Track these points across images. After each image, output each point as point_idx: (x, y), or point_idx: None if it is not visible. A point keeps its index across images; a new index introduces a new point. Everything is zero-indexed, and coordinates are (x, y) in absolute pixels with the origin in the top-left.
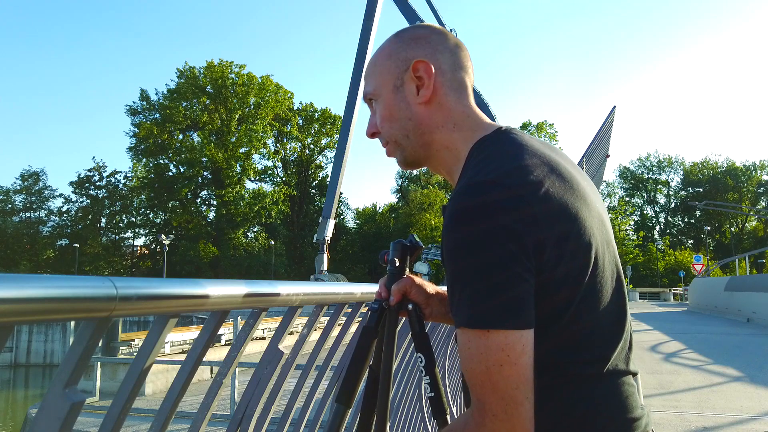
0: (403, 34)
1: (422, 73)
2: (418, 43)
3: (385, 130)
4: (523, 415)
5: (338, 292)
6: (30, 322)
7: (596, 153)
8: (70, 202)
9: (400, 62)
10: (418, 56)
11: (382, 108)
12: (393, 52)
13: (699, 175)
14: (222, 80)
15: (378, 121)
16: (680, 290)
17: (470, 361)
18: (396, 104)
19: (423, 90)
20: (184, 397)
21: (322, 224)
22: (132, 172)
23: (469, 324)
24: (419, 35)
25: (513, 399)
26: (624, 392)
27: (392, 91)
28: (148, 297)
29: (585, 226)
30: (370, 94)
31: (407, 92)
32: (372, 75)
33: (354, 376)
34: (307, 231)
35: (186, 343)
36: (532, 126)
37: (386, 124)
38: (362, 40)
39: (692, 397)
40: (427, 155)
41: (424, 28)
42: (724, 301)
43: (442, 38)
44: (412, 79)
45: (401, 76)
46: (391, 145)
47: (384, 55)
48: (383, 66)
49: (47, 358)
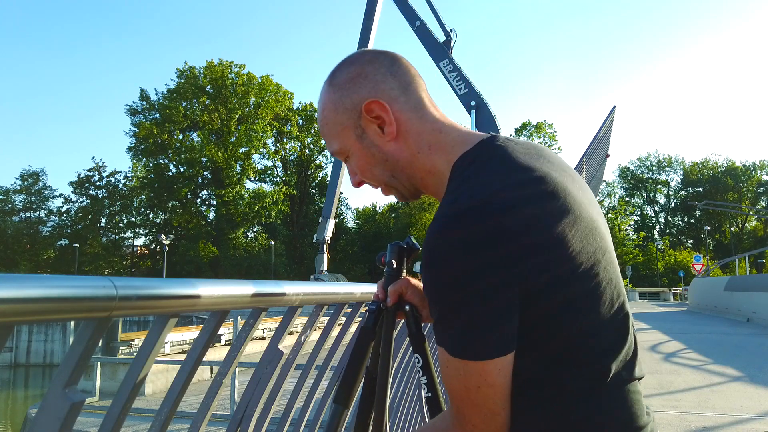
0: (335, 80)
1: (378, 112)
2: (355, 83)
3: (369, 177)
4: (499, 423)
5: (338, 292)
6: (30, 322)
7: (596, 153)
8: (70, 202)
9: (349, 111)
10: (364, 98)
11: (357, 159)
12: (337, 103)
13: (699, 175)
14: (222, 80)
15: (358, 171)
16: (680, 290)
17: (450, 379)
18: (367, 151)
19: (386, 128)
20: (184, 397)
21: (322, 224)
22: (132, 172)
23: (450, 352)
24: (353, 74)
25: (491, 411)
26: (629, 401)
27: (357, 141)
28: (148, 297)
29: (576, 242)
30: (339, 153)
31: (372, 136)
32: (329, 134)
33: (352, 376)
34: (307, 231)
35: (186, 343)
36: (532, 126)
37: (368, 173)
38: (362, 40)
39: (692, 397)
40: (418, 185)
41: (353, 63)
42: (724, 301)
43: (375, 65)
44: (369, 122)
45: (357, 123)
46: (382, 187)
47: (329, 109)
48: (334, 121)
49: (47, 358)
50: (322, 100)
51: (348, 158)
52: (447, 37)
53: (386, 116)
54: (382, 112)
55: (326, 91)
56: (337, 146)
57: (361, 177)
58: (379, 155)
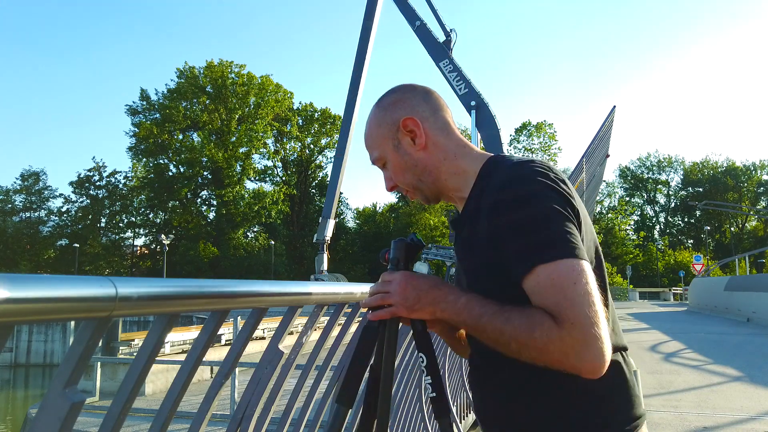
0: (381, 103)
1: (412, 127)
2: (396, 105)
3: (401, 181)
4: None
5: (338, 292)
6: (30, 322)
7: (596, 153)
8: (70, 202)
9: (390, 126)
10: (402, 116)
11: (393, 165)
12: (381, 120)
13: (699, 174)
14: (222, 80)
15: (392, 176)
16: (680, 290)
17: (552, 285)
18: (401, 158)
19: (417, 139)
20: (184, 397)
21: (322, 224)
22: (132, 172)
23: (547, 258)
24: (395, 99)
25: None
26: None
27: (394, 150)
28: (148, 297)
29: (590, 223)
30: (378, 160)
31: (406, 146)
32: (372, 145)
33: (355, 376)
34: (307, 231)
35: (186, 343)
36: (532, 126)
37: (400, 177)
38: (362, 40)
39: (692, 397)
40: (441, 188)
41: (396, 92)
42: (724, 301)
43: (413, 93)
44: (405, 135)
45: (395, 136)
46: (410, 191)
47: (374, 125)
48: (378, 134)
49: (47, 358)
50: (369, 118)
51: (385, 165)
52: (447, 37)
53: (418, 130)
54: (415, 127)
55: (373, 112)
56: (378, 154)
57: (395, 181)
58: (410, 162)
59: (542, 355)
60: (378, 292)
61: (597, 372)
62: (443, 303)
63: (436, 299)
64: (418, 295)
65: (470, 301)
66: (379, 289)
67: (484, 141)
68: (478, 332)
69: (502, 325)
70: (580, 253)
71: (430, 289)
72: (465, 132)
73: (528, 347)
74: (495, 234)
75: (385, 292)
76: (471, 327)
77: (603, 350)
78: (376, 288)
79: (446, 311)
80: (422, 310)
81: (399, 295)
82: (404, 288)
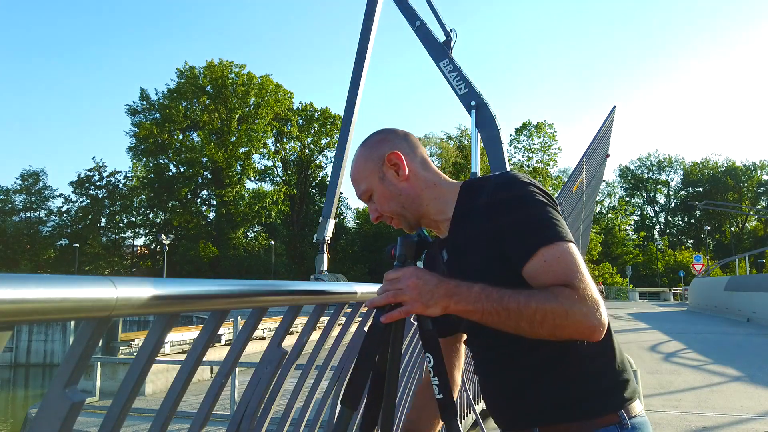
0: (367, 143)
1: (396, 161)
2: (381, 143)
3: (386, 210)
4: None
5: (338, 292)
6: (30, 322)
7: (596, 153)
8: (70, 202)
9: (376, 161)
10: (386, 151)
11: (379, 196)
12: (367, 156)
13: (699, 175)
14: (222, 80)
15: (378, 206)
16: (680, 290)
17: (558, 261)
18: (387, 189)
19: (401, 171)
20: (184, 397)
21: (322, 224)
22: (132, 172)
23: (554, 239)
24: (379, 139)
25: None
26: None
27: (380, 182)
28: (148, 297)
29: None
30: (365, 192)
31: (391, 178)
32: (359, 179)
33: (360, 377)
34: (307, 231)
35: (186, 343)
36: (532, 126)
37: (385, 205)
38: (362, 40)
39: (692, 397)
40: (423, 213)
41: (379, 133)
42: (724, 301)
43: (394, 134)
44: (389, 168)
45: (381, 169)
46: (395, 218)
47: (361, 161)
48: (365, 169)
49: (47, 358)
50: (356, 156)
51: (371, 197)
52: (447, 37)
53: (401, 163)
54: (398, 161)
55: (360, 151)
56: (365, 187)
57: (380, 210)
58: (395, 191)
59: (565, 320)
60: (388, 290)
61: (603, 333)
62: (456, 295)
63: (449, 291)
64: (431, 289)
65: (485, 287)
66: (388, 287)
67: (484, 141)
68: (498, 314)
69: (526, 299)
70: (570, 237)
71: (440, 282)
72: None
73: (554, 314)
74: (497, 230)
75: (396, 290)
76: (490, 311)
77: (605, 315)
78: (385, 286)
79: (460, 302)
80: (437, 304)
81: (413, 291)
82: (416, 283)
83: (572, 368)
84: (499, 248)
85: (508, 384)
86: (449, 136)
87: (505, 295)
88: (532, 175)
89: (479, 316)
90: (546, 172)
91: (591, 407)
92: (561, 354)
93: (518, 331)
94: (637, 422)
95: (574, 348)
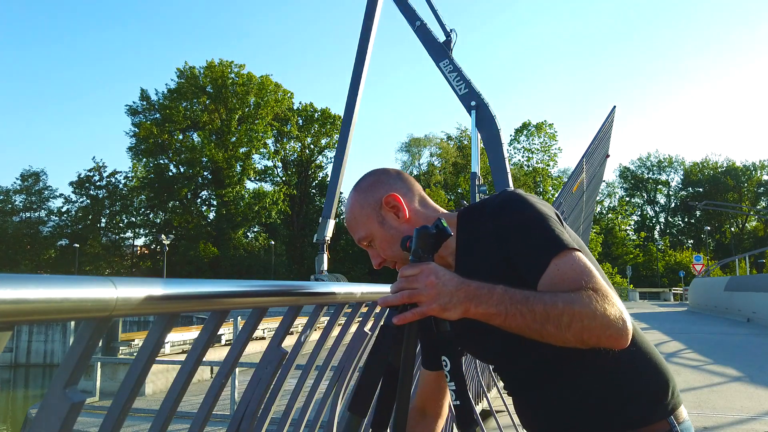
0: (360, 187)
1: (394, 203)
2: (375, 186)
3: (389, 255)
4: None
5: (338, 292)
6: (30, 322)
7: (596, 153)
8: (70, 202)
9: (373, 205)
10: (383, 194)
11: (380, 240)
12: (363, 201)
13: (699, 175)
14: (222, 80)
15: (380, 251)
16: (680, 290)
17: (572, 268)
18: (387, 233)
19: (400, 213)
20: (184, 397)
21: (322, 224)
22: (132, 172)
23: (564, 248)
24: (373, 181)
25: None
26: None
27: (379, 226)
28: (148, 297)
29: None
30: (365, 239)
31: (390, 221)
32: (357, 226)
33: (370, 383)
34: (307, 231)
35: (186, 343)
36: (532, 126)
37: (388, 250)
38: (362, 40)
39: (692, 397)
40: None
41: (372, 175)
42: (724, 301)
43: (387, 175)
44: (388, 211)
45: (379, 212)
46: (399, 262)
47: (357, 207)
48: (361, 215)
49: (47, 358)
50: (350, 201)
51: (372, 242)
52: (447, 37)
53: (400, 205)
54: (397, 202)
55: (353, 196)
56: (364, 233)
57: (383, 256)
58: (396, 234)
59: (594, 321)
60: (403, 289)
61: (629, 339)
62: (477, 297)
63: (470, 294)
64: (451, 291)
65: (508, 289)
66: (403, 285)
67: (484, 141)
68: (523, 316)
69: (552, 300)
70: (578, 246)
71: (461, 283)
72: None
73: (582, 316)
74: (506, 255)
75: (412, 289)
76: (514, 314)
77: (630, 320)
78: (400, 284)
79: (481, 305)
80: (456, 308)
81: (430, 291)
82: (435, 283)
83: (613, 375)
84: (511, 273)
85: (547, 400)
86: (449, 136)
87: (530, 297)
88: (532, 176)
89: (502, 320)
90: (546, 172)
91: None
92: (598, 361)
93: (543, 336)
94: (685, 428)
95: (612, 353)
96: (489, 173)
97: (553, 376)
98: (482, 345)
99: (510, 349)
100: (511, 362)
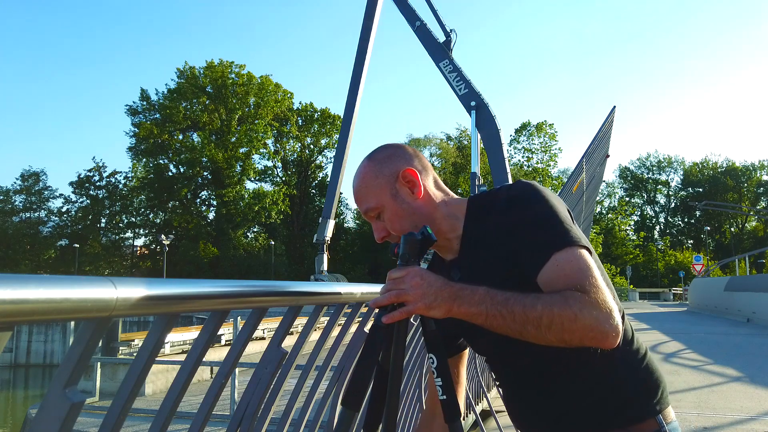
0: (375, 156)
1: (411, 178)
2: (392, 159)
3: (397, 228)
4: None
5: (338, 292)
6: (30, 322)
7: (596, 153)
8: (70, 202)
9: (388, 177)
10: (400, 167)
11: (390, 214)
12: (377, 172)
13: (699, 175)
14: (222, 80)
15: (388, 224)
16: (680, 290)
17: (570, 264)
18: (399, 206)
19: (415, 189)
20: (184, 397)
21: (322, 224)
22: (132, 172)
23: (567, 244)
24: (389, 153)
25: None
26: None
27: (392, 199)
28: (148, 297)
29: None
30: (373, 209)
31: (404, 195)
32: (367, 196)
33: (362, 378)
34: (307, 231)
35: (186, 343)
36: (532, 126)
37: (396, 224)
38: (362, 40)
39: (692, 397)
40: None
41: (388, 148)
42: (724, 301)
43: (404, 151)
44: (403, 185)
45: (393, 185)
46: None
47: (370, 177)
48: (375, 184)
49: (47, 358)
50: (363, 171)
51: (379, 215)
52: (447, 37)
53: (416, 181)
54: (414, 178)
55: (367, 165)
56: (374, 203)
57: (390, 229)
58: (409, 209)
59: (574, 324)
60: (391, 290)
61: (617, 340)
62: (460, 298)
63: (453, 294)
64: (435, 290)
65: (490, 290)
66: (391, 286)
67: (484, 141)
68: (502, 317)
69: (532, 302)
70: (585, 243)
71: (445, 284)
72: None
73: (562, 318)
74: (514, 249)
75: (399, 290)
76: (494, 314)
77: (619, 321)
78: (388, 285)
79: (463, 305)
80: (440, 306)
81: (416, 291)
82: (420, 284)
83: (605, 374)
84: (514, 267)
85: (538, 396)
86: (449, 137)
87: (510, 298)
88: (532, 176)
89: (483, 319)
90: (546, 173)
91: (629, 414)
92: (591, 360)
93: (525, 336)
94: (672, 428)
95: (605, 352)
96: (489, 173)
97: (543, 371)
98: (476, 336)
99: (500, 344)
100: (503, 356)
